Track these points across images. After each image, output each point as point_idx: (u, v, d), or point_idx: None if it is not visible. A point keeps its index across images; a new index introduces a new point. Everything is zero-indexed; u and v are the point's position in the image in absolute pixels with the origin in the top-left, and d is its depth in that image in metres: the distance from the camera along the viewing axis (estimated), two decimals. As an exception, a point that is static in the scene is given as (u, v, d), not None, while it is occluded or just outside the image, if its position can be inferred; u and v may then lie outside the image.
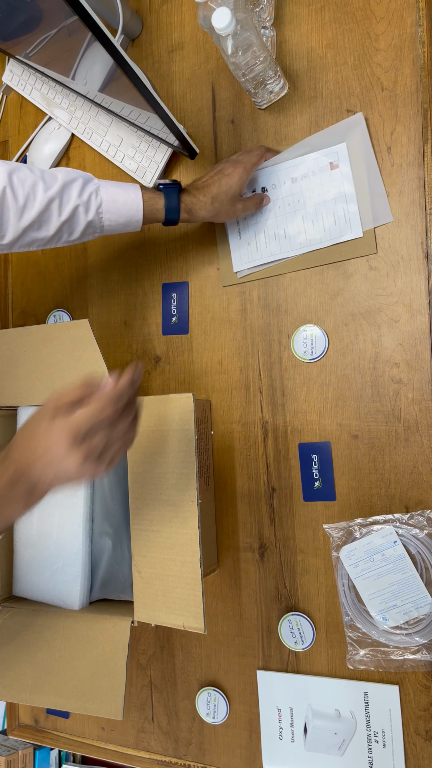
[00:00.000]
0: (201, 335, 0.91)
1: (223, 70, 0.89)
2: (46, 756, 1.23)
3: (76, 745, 1.00)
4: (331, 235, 0.82)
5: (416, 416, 0.78)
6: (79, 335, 0.71)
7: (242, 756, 0.87)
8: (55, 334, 0.73)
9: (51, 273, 1.04)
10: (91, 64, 0.81)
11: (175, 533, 0.71)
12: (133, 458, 0.74)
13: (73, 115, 0.99)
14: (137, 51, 0.96)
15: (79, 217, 0.75)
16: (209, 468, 0.87)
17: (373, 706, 0.79)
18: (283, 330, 0.85)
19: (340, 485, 0.82)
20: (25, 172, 0.72)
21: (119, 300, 0.97)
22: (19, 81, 1.04)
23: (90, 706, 0.74)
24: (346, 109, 0.82)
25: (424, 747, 0.77)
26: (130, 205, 0.77)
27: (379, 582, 0.78)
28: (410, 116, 0.78)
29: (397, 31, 0.79)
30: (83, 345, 0.71)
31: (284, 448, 0.85)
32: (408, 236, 0.78)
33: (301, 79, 0.84)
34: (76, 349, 0.72)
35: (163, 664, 0.93)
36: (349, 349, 0.82)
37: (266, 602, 0.86)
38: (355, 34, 0.81)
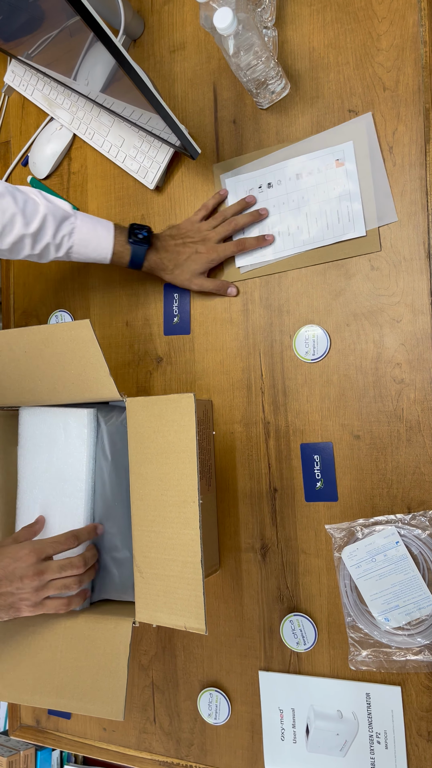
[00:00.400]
0: (203, 335, 0.91)
1: (224, 70, 0.89)
2: (47, 757, 1.22)
3: (77, 745, 1.00)
4: (334, 232, 0.82)
5: (418, 416, 0.78)
6: (81, 335, 0.71)
7: (244, 757, 0.87)
8: (56, 334, 0.73)
9: (53, 273, 1.04)
10: (92, 65, 0.81)
11: (177, 534, 0.71)
12: (134, 458, 0.74)
13: (75, 115, 0.99)
14: (139, 51, 0.96)
15: (50, 252, 0.83)
16: (211, 468, 0.87)
17: (376, 707, 0.79)
18: (284, 330, 0.85)
19: (342, 486, 0.82)
20: (8, 201, 0.77)
21: (121, 300, 0.97)
22: (21, 81, 1.04)
23: (91, 707, 0.73)
24: (348, 109, 0.81)
25: (427, 748, 0.77)
26: (99, 251, 0.84)
27: (381, 582, 0.78)
28: (412, 116, 0.78)
29: (399, 31, 0.79)
30: (85, 345, 0.71)
31: (286, 449, 0.85)
32: (410, 236, 0.78)
33: (303, 79, 0.84)
34: (77, 350, 0.72)
35: (164, 664, 0.93)
36: (351, 349, 0.81)
37: (268, 603, 0.86)
38: (356, 34, 0.81)
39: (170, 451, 0.71)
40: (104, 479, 0.80)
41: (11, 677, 0.79)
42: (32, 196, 0.79)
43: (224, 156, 0.89)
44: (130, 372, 0.96)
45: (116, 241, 0.84)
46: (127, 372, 0.96)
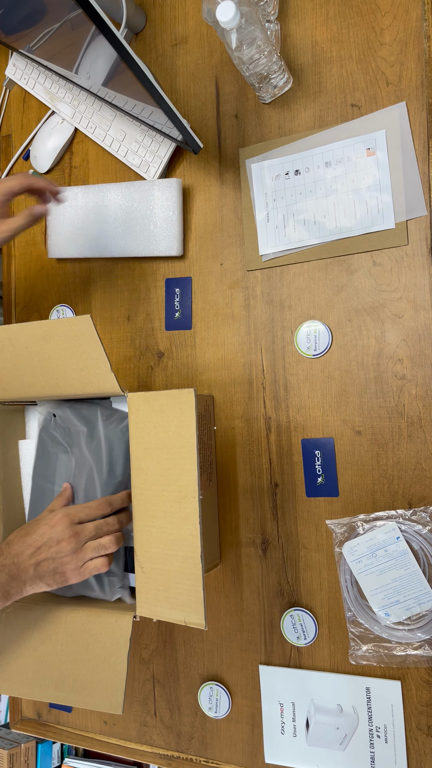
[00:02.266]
0: (204, 331, 0.91)
1: (227, 64, 0.89)
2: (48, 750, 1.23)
3: (78, 738, 1.01)
4: (362, 224, 0.80)
5: (420, 412, 0.78)
6: (82, 331, 0.71)
7: (244, 750, 0.88)
8: (57, 329, 0.73)
9: (54, 268, 1.04)
10: (94, 58, 0.81)
11: (177, 529, 0.71)
12: (135, 453, 0.74)
13: (77, 109, 0.99)
14: (141, 45, 0.96)
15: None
16: (212, 463, 0.87)
17: (375, 701, 0.79)
18: (286, 325, 0.85)
19: (343, 481, 0.82)
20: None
21: (122, 295, 0.97)
22: (23, 75, 1.04)
23: (90, 701, 0.74)
24: (350, 103, 0.81)
25: (426, 742, 0.77)
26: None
27: (382, 578, 0.78)
28: (415, 111, 0.78)
29: (402, 26, 0.78)
30: (86, 340, 0.71)
31: (287, 444, 0.85)
32: (412, 231, 0.78)
33: (306, 74, 0.84)
34: (78, 345, 0.72)
35: (165, 658, 0.93)
36: (352, 344, 0.81)
37: (268, 597, 0.86)
38: (360, 28, 0.81)
39: (171, 446, 0.71)
40: (102, 474, 0.80)
41: (11, 670, 0.79)
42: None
43: (227, 151, 0.89)
44: (131, 367, 0.96)
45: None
46: (129, 367, 0.96)
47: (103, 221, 0.95)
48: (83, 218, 0.96)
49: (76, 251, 0.98)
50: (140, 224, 0.92)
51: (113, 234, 0.95)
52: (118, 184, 0.94)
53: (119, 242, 0.94)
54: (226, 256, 0.89)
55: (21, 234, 1.07)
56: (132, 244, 0.93)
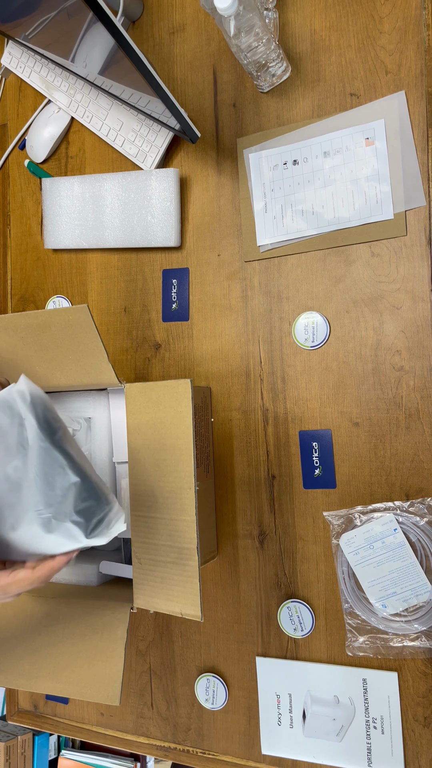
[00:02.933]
0: (201, 322, 0.90)
1: (224, 52, 0.88)
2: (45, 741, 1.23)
3: (75, 730, 1.01)
4: (360, 214, 0.80)
5: (418, 404, 0.77)
6: (79, 320, 0.71)
7: (241, 741, 0.88)
8: (54, 318, 0.72)
9: (50, 259, 1.03)
10: (91, 47, 0.80)
11: (174, 520, 0.71)
12: (132, 445, 0.73)
13: (73, 98, 0.98)
14: (138, 33, 0.95)
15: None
16: (209, 455, 0.87)
17: (372, 692, 0.79)
18: (284, 317, 0.85)
19: (340, 473, 0.81)
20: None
21: (119, 286, 0.97)
22: (18, 63, 1.03)
23: (87, 692, 0.74)
24: (349, 93, 0.80)
25: (423, 733, 0.77)
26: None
27: (379, 569, 0.78)
28: (414, 100, 0.77)
29: (402, 14, 0.78)
30: (83, 330, 0.71)
31: (285, 436, 0.85)
32: (410, 222, 0.77)
33: (304, 62, 0.83)
34: (75, 335, 0.71)
35: (162, 650, 0.93)
36: (350, 336, 0.81)
37: (266, 589, 0.86)
38: (359, 17, 0.80)
39: (167, 436, 0.71)
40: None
41: (7, 662, 0.79)
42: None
43: (224, 140, 0.88)
44: (128, 358, 0.95)
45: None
46: (125, 358, 0.95)
47: (100, 212, 0.94)
48: (80, 208, 0.96)
49: (73, 242, 0.97)
50: (137, 215, 0.91)
51: (110, 224, 0.94)
52: (114, 174, 0.93)
53: (116, 233, 0.94)
54: (223, 246, 0.89)
55: (17, 225, 1.06)
56: (129, 235, 0.93)
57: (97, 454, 0.87)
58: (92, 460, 0.87)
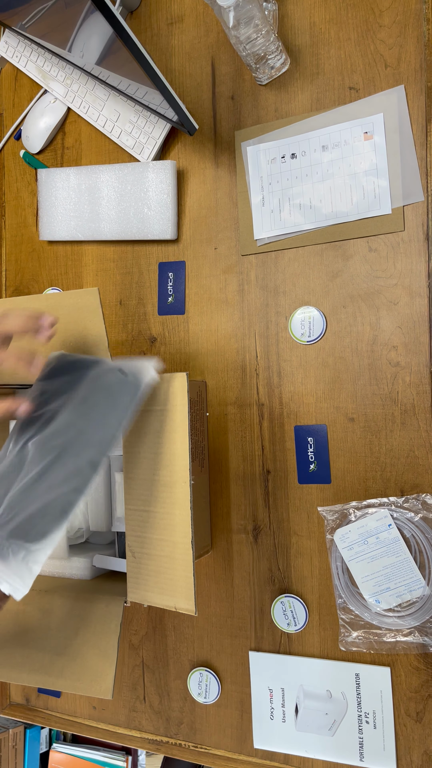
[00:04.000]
0: (197, 316, 0.90)
1: (223, 44, 0.87)
2: (36, 735, 1.23)
3: (67, 723, 1.01)
4: (358, 209, 0.79)
5: (413, 400, 0.77)
6: (87, 304, 0.70)
7: (233, 736, 0.88)
8: (63, 302, 0.72)
9: (45, 251, 1.02)
10: (88, 36, 0.79)
11: (168, 514, 0.70)
12: (127, 438, 0.73)
13: (70, 88, 0.97)
14: (136, 23, 0.94)
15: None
16: (204, 449, 0.87)
17: (365, 687, 0.79)
18: (280, 311, 0.84)
19: (335, 468, 0.81)
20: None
21: (115, 279, 0.96)
22: (15, 53, 1.02)
23: (80, 686, 0.73)
24: (348, 86, 0.80)
25: (415, 728, 0.78)
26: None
27: (373, 565, 0.78)
28: (414, 95, 0.77)
29: (402, 8, 0.77)
30: (89, 315, 0.70)
31: (280, 431, 0.84)
32: (408, 217, 0.77)
33: (303, 55, 0.82)
34: (80, 319, 0.71)
35: (155, 644, 0.93)
36: (347, 331, 0.81)
37: (259, 584, 0.86)
38: (358, 10, 0.79)
39: (162, 430, 0.70)
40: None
41: (0, 655, 0.79)
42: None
43: (222, 133, 0.87)
44: (123, 351, 0.95)
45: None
46: (121, 351, 0.95)
47: (96, 203, 0.94)
48: (75, 200, 0.95)
49: (68, 234, 0.97)
50: (134, 207, 0.91)
51: (106, 216, 0.93)
52: (111, 165, 0.92)
53: (112, 225, 0.93)
54: (220, 240, 0.88)
55: (12, 216, 1.05)
56: (125, 227, 0.92)
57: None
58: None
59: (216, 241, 0.88)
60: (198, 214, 0.90)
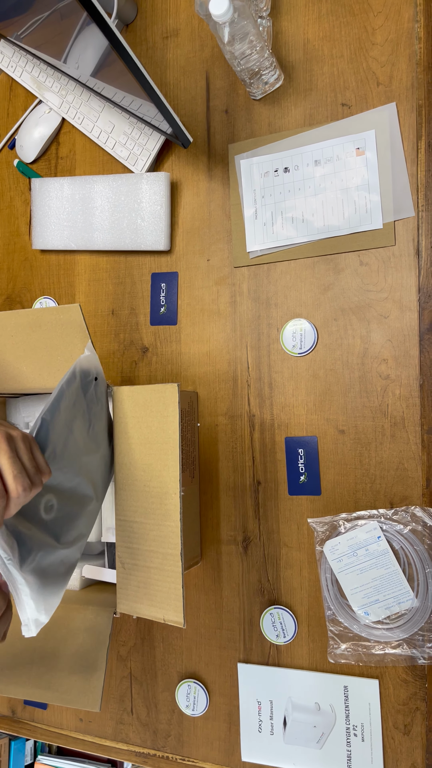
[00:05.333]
0: (189, 326, 0.90)
1: (218, 58, 0.88)
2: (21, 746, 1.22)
3: (53, 736, 1.00)
4: (350, 223, 0.80)
5: (403, 412, 0.78)
6: (70, 319, 0.70)
7: (221, 748, 0.87)
8: (45, 318, 0.72)
9: (38, 259, 1.02)
10: (83, 48, 0.80)
11: (158, 525, 0.70)
12: (118, 448, 0.73)
13: (64, 99, 0.97)
14: (131, 36, 0.95)
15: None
16: (195, 460, 0.87)
17: (353, 699, 0.79)
18: (272, 323, 0.85)
19: (325, 480, 0.82)
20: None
21: (107, 289, 0.96)
22: (9, 62, 1.02)
23: (67, 698, 0.73)
24: (341, 102, 0.81)
25: (402, 741, 0.78)
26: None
27: (362, 577, 0.78)
28: (405, 112, 0.78)
29: (394, 26, 0.79)
30: (73, 330, 0.70)
31: (270, 442, 0.85)
32: (399, 232, 0.78)
33: (297, 71, 0.83)
34: (66, 335, 0.71)
35: (143, 655, 0.93)
36: (338, 344, 0.81)
37: (249, 595, 0.86)
38: (352, 28, 0.81)
39: (153, 441, 0.71)
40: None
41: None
42: None
43: (216, 146, 0.88)
44: (115, 361, 0.95)
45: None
46: (112, 361, 0.95)
47: (90, 213, 0.94)
48: (69, 210, 0.95)
49: (61, 243, 0.97)
50: (127, 218, 0.91)
51: (99, 226, 0.93)
52: (105, 176, 0.93)
53: (105, 235, 0.93)
54: (213, 251, 0.89)
55: (4, 225, 1.05)
56: (118, 238, 0.92)
57: (81, 457, 0.86)
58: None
59: (209, 252, 0.89)
60: (191, 226, 0.90)
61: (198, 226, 0.90)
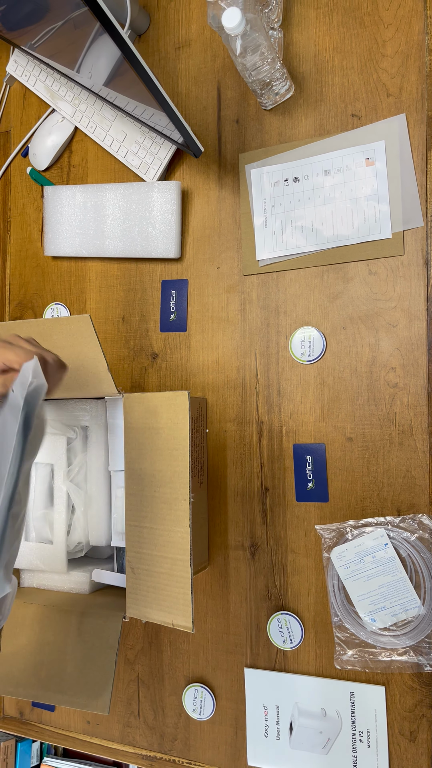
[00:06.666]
0: (199, 333, 0.91)
1: (229, 69, 0.89)
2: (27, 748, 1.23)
3: (60, 738, 1.01)
4: (359, 232, 0.81)
5: (411, 421, 0.78)
6: (80, 330, 0.71)
7: (227, 753, 0.88)
8: (55, 328, 0.73)
9: (50, 266, 1.03)
10: (96, 58, 0.81)
11: (167, 531, 0.71)
12: (129, 455, 0.74)
13: (77, 108, 0.99)
14: (144, 47, 0.96)
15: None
16: (203, 466, 0.88)
17: (359, 706, 0.80)
18: (281, 331, 0.86)
19: (333, 487, 0.82)
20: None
21: (118, 295, 0.97)
22: (24, 72, 1.04)
23: (76, 701, 0.74)
24: (351, 113, 0.82)
25: (408, 748, 0.78)
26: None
27: (369, 583, 0.79)
28: (415, 123, 0.78)
29: (405, 38, 0.79)
30: (83, 340, 0.71)
31: (279, 449, 0.85)
32: (408, 242, 0.79)
33: (307, 82, 0.84)
34: (76, 344, 0.72)
35: (150, 659, 0.93)
36: (346, 352, 0.82)
37: (256, 601, 0.86)
38: (362, 39, 0.81)
39: (163, 447, 0.71)
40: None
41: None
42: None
43: (227, 155, 0.89)
44: (125, 367, 0.96)
45: None
46: (122, 367, 0.96)
47: (101, 221, 0.95)
48: (81, 217, 0.96)
49: (73, 250, 0.98)
50: (138, 225, 0.92)
51: (111, 234, 0.95)
52: (117, 184, 0.94)
53: (116, 242, 0.94)
54: (223, 259, 0.90)
55: (17, 231, 1.07)
56: (129, 245, 0.93)
57: (92, 463, 0.87)
58: (88, 469, 0.88)
59: (219, 260, 0.90)
60: (201, 234, 0.91)
61: (208, 234, 0.91)
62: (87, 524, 0.88)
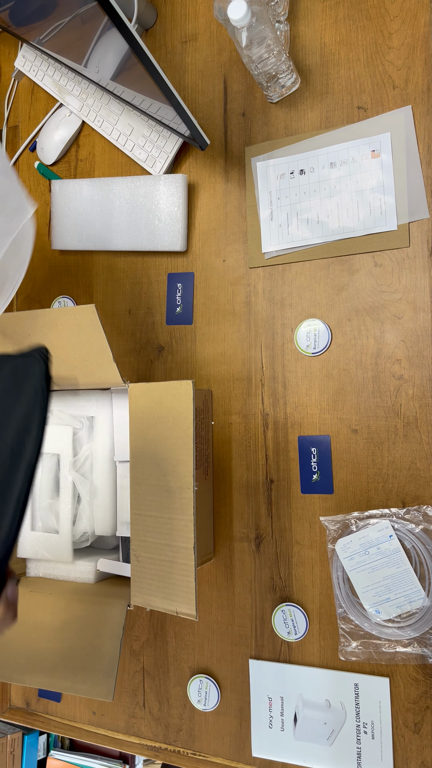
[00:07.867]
0: (205, 326, 0.91)
1: (235, 62, 0.90)
2: (34, 741, 1.23)
3: (66, 728, 1.01)
4: (365, 225, 0.81)
5: (416, 413, 0.79)
6: (85, 320, 0.72)
7: (232, 743, 0.88)
8: (61, 318, 0.74)
9: (57, 259, 1.04)
10: (104, 52, 0.81)
11: (172, 519, 0.72)
12: (134, 444, 0.74)
13: (85, 102, 0.99)
14: (151, 41, 0.96)
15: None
16: (209, 458, 0.88)
17: (363, 697, 0.80)
18: (286, 323, 0.86)
19: (338, 479, 0.82)
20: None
21: (124, 289, 0.98)
22: (32, 66, 1.04)
23: (81, 687, 0.74)
24: (357, 106, 0.82)
25: (412, 739, 0.78)
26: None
27: (374, 575, 0.79)
28: (421, 115, 0.78)
29: (411, 30, 0.79)
30: (89, 330, 0.72)
31: (284, 441, 0.86)
32: (414, 234, 0.79)
33: (314, 75, 0.84)
34: (82, 334, 0.73)
35: (156, 650, 0.94)
36: (351, 344, 0.82)
37: (260, 592, 0.87)
38: (368, 32, 0.82)
39: (168, 437, 0.72)
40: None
41: (3, 656, 0.80)
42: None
43: (233, 149, 0.90)
44: (131, 360, 0.96)
45: None
46: (129, 360, 0.97)
47: (108, 214, 0.96)
48: (88, 211, 0.97)
49: (80, 243, 0.99)
50: (145, 219, 0.93)
51: (117, 227, 0.95)
52: (123, 178, 0.94)
53: (123, 236, 0.95)
54: (228, 252, 0.90)
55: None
56: (136, 238, 0.94)
57: (98, 453, 0.88)
58: (94, 459, 0.88)
59: (224, 253, 0.90)
60: (207, 227, 0.91)
61: (214, 227, 0.91)
62: (92, 514, 0.89)
